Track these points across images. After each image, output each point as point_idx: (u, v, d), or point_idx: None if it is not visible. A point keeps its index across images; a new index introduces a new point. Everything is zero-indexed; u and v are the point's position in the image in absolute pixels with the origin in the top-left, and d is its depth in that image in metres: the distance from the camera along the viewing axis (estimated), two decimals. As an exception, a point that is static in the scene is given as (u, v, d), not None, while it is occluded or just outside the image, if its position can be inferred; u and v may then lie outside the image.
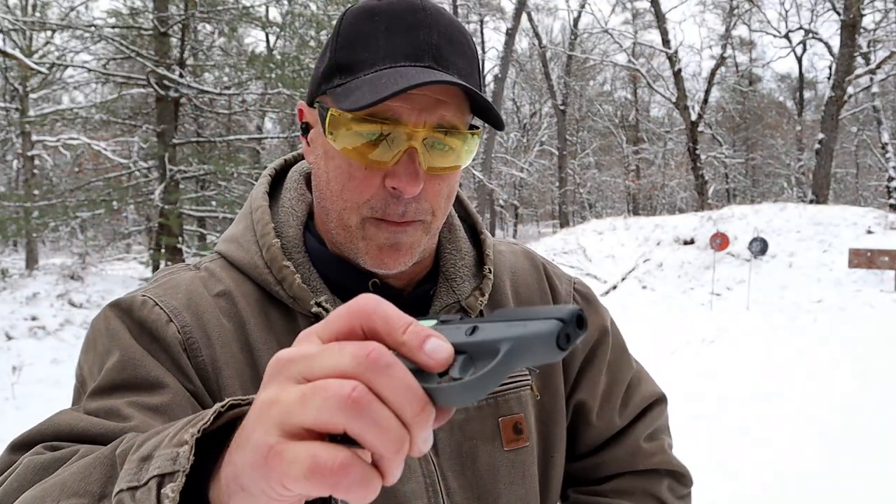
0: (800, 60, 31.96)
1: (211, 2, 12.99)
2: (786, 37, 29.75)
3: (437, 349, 0.42)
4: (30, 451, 0.68)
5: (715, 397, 6.45)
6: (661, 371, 7.44)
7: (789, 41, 29.95)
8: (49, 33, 16.41)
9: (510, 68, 26.68)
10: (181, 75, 12.93)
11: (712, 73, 25.75)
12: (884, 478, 4.47)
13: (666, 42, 24.12)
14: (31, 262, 16.73)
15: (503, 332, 0.43)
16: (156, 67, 12.39)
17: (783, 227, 14.74)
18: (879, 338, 8.32)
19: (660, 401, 1.09)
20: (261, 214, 0.88)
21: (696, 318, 10.64)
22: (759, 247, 12.59)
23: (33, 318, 10.52)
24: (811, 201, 19.08)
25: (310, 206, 0.91)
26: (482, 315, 0.90)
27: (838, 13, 20.66)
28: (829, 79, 23.40)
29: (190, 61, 14.04)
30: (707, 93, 26.08)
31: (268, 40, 20.42)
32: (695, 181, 24.34)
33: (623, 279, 14.50)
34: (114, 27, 13.35)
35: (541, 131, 36.74)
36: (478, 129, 0.82)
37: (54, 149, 17.48)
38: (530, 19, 28.29)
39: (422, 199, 0.79)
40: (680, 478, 1.07)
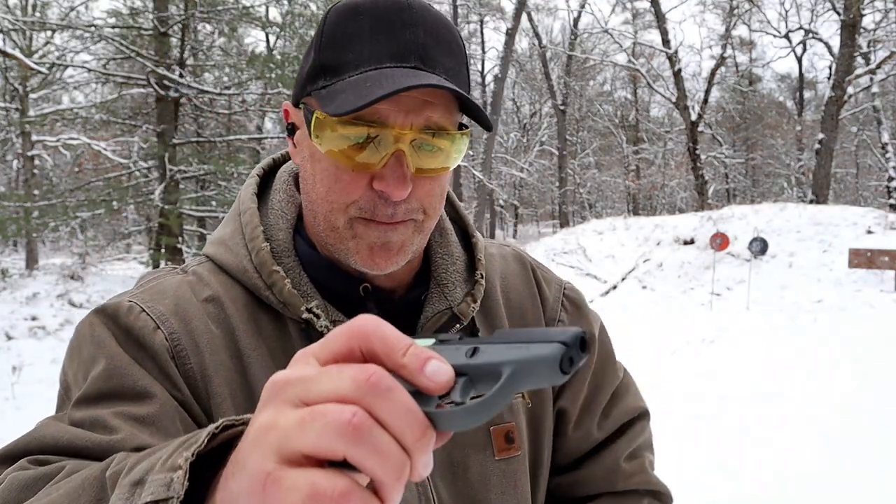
0: (800, 60, 31.98)
1: (211, 2, 12.99)
2: (786, 37, 29.76)
3: (437, 372, 0.42)
4: (14, 466, 0.66)
5: (715, 397, 6.44)
6: (661, 371, 7.47)
7: (789, 41, 29.96)
8: (49, 33, 16.41)
9: (510, 68, 26.67)
10: (181, 75, 12.94)
11: (712, 73, 25.76)
12: (884, 478, 4.47)
13: (666, 42, 24.12)
14: (31, 262, 16.73)
15: (505, 354, 0.42)
16: (156, 67, 12.40)
17: (783, 227, 14.74)
18: (879, 338, 8.33)
19: (643, 416, 1.06)
20: (249, 217, 0.86)
21: (696, 318, 10.64)
22: (759, 247, 12.59)
23: (33, 318, 10.52)
24: (811, 201, 19.09)
25: (299, 208, 0.89)
26: (474, 321, 0.89)
27: (838, 13, 20.67)
28: (829, 79, 23.41)
29: (190, 61, 14.04)
30: (707, 93, 26.09)
31: (268, 40, 20.44)
32: (695, 181, 24.35)
33: (623, 279, 14.50)
34: (114, 27, 13.36)
35: (541, 131, 36.74)
36: (467, 128, 0.80)
37: (54, 149, 17.48)
38: (530, 19, 28.29)
39: (411, 200, 0.77)
40: (661, 497, 1.04)
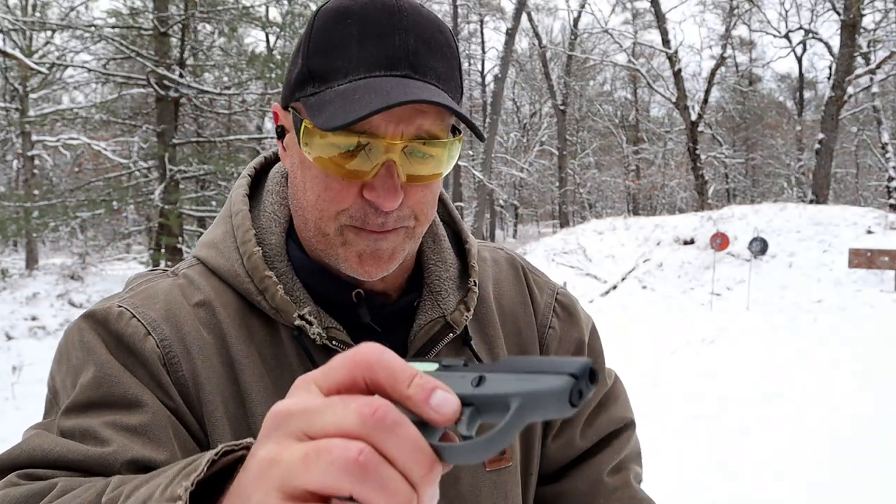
0: (800, 60, 32.00)
1: (211, 2, 13.00)
2: (786, 37, 29.77)
3: (443, 403, 0.40)
4: (3, 482, 0.65)
5: (715, 397, 6.44)
6: (661, 371, 7.47)
7: (789, 41, 29.97)
8: (49, 33, 16.42)
9: (510, 68, 26.69)
10: (181, 75, 12.94)
11: (712, 73, 25.77)
12: (884, 477, 4.47)
13: (666, 42, 24.13)
14: (31, 262, 16.75)
15: (513, 385, 0.41)
16: (156, 67, 12.40)
17: (783, 227, 14.74)
18: (879, 338, 8.33)
19: (629, 426, 1.02)
20: (241, 219, 0.84)
21: (696, 318, 10.64)
22: (759, 247, 12.59)
23: (33, 318, 10.52)
24: (811, 201, 19.09)
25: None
26: (467, 329, 0.88)
27: (838, 13, 20.67)
28: (829, 79, 23.42)
29: (190, 61, 14.05)
30: (707, 93, 26.10)
31: (268, 40, 20.44)
32: (695, 181, 24.35)
33: (623, 279, 14.51)
34: (114, 27, 13.36)
35: (541, 131, 36.75)
36: (460, 133, 0.79)
37: (54, 149, 17.50)
38: (530, 19, 28.30)
39: (403, 207, 0.76)
40: None
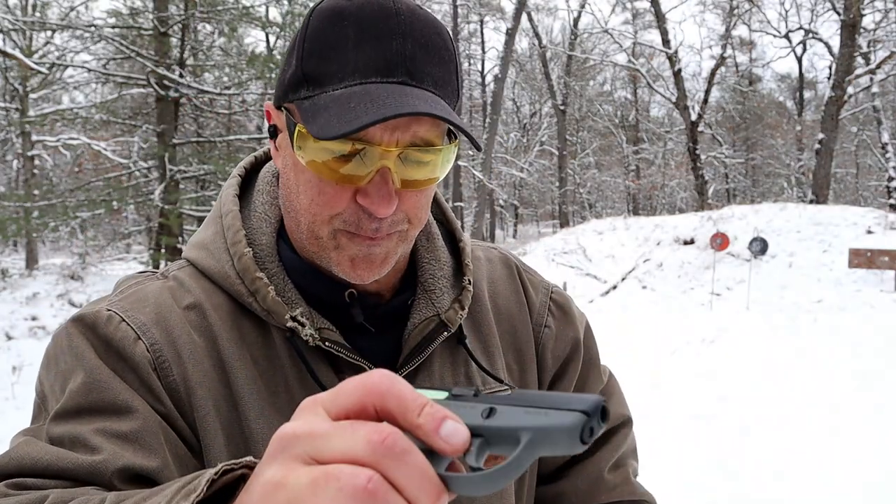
0: (800, 60, 32.02)
1: (211, 2, 12.99)
2: (786, 37, 29.79)
3: (453, 434, 0.40)
4: None
5: (715, 397, 6.45)
6: (661, 371, 7.47)
7: (789, 41, 29.99)
8: (49, 33, 16.43)
9: (510, 68, 26.68)
10: (181, 75, 12.94)
11: (712, 73, 25.77)
12: (884, 478, 4.47)
13: (666, 42, 24.13)
14: (31, 262, 16.76)
15: (523, 419, 0.41)
16: (156, 67, 12.40)
17: (783, 227, 14.74)
18: (879, 338, 8.33)
19: (626, 423, 1.03)
20: (231, 220, 0.83)
21: (696, 318, 10.64)
22: (759, 247, 12.59)
23: (33, 318, 10.53)
24: (811, 201, 19.09)
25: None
26: (461, 328, 0.88)
27: (838, 13, 20.68)
28: (829, 79, 23.42)
29: (190, 61, 14.04)
30: (707, 93, 26.10)
31: (268, 40, 20.42)
32: (695, 181, 24.36)
33: (623, 279, 14.51)
34: (114, 27, 13.36)
35: (541, 131, 36.76)
36: (456, 138, 0.78)
37: (54, 149, 17.50)
38: (530, 19, 28.30)
39: (397, 212, 0.75)
40: None
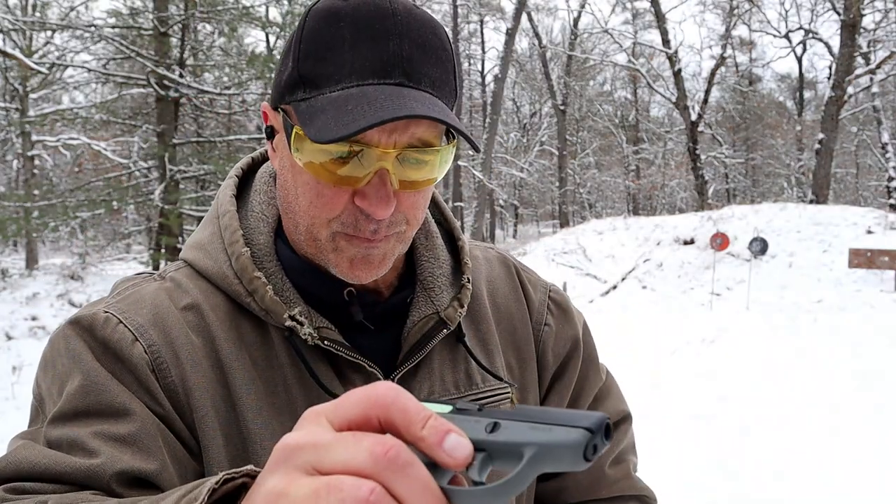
0: (800, 60, 32.02)
1: (211, 2, 12.99)
2: (786, 37, 29.79)
3: (457, 447, 0.40)
4: None
5: (715, 397, 6.45)
6: (661, 371, 7.47)
7: (789, 41, 29.99)
8: (49, 33, 16.42)
9: (510, 68, 26.69)
10: (181, 75, 12.94)
11: (712, 73, 25.77)
12: (884, 478, 4.47)
13: (666, 42, 24.13)
14: (31, 262, 16.76)
15: (527, 435, 0.41)
16: (156, 67, 12.40)
17: (783, 227, 14.74)
18: (879, 338, 8.33)
19: (625, 419, 1.04)
20: (228, 220, 0.83)
21: (696, 318, 10.64)
22: (759, 247, 12.59)
23: (33, 318, 10.53)
24: (811, 201, 19.09)
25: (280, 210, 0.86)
26: (460, 326, 0.88)
27: (838, 13, 20.68)
28: (829, 79, 23.42)
29: (190, 61, 14.04)
30: (707, 93, 26.11)
31: (268, 40, 20.42)
32: (695, 181, 24.36)
33: (623, 279, 14.51)
34: (114, 27, 13.36)
35: (541, 131, 36.77)
36: (454, 138, 0.79)
37: (54, 149, 17.50)
38: (530, 19, 28.30)
39: (395, 213, 0.75)
40: (646, 501, 1.03)
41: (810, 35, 27.96)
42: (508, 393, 0.91)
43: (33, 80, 15.37)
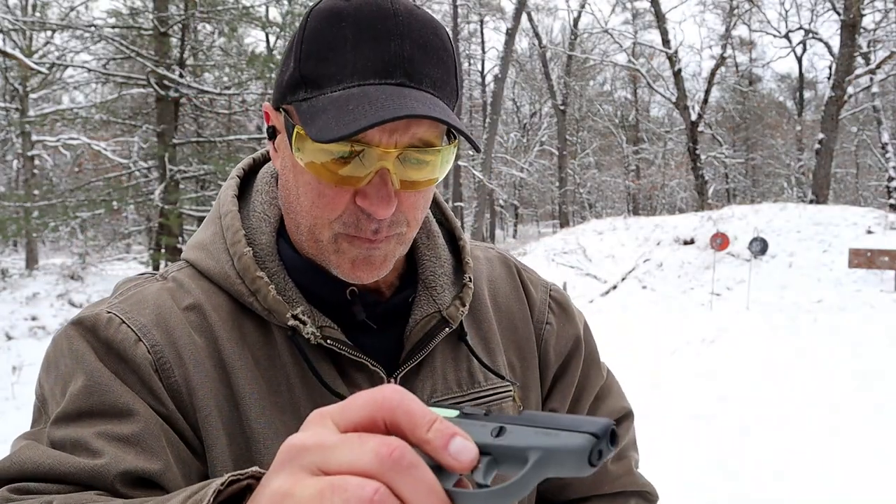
0: (800, 60, 32.03)
1: (211, 2, 13.00)
2: (786, 37, 29.79)
3: (462, 450, 0.40)
4: None
5: (715, 397, 6.45)
6: (661, 371, 7.47)
7: (789, 41, 30.00)
8: (49, 33, 16.43)
9: (510, 68, 26.69)
10: (181, 75, 12.94)
11: (712, 73, 25.77)
12: (884, 478, 4.47)
13: (666, 42, 24.13)
14: (31, 262, 16.77)
15: (532, 439, 0.41)
16: (156, 67, 12.41)
17: (783, 227, 14.74)
18: (879, 338, 8.33)
19: (627, 416, 1.05)
20: (230, 220, 0.83)
21: (696, 318, 10.64)
22: (759, 247, 12.59)
23: (33, 318, 10.53)
24: (811, 201, 19.09)
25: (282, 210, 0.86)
26: (462, 325, 0.89)
27: (838, 13, 20.68)
28: (829, 79, 23.42)
29: (190, 61, 14.05)
30: (707, 93, 26.10)
31: (268, 40, 20.43)
32: (695, 181, 24.36)
33: (623, 279, 14.51)
34: (114, 27, 13.37)
35: (541, 131, 36.77)
36: (455, 138, 0.79)
37: (54, 149, 17.51)
38: (530, 19, 28.30)
39: (396, 214, 0.76)
40: (647, 497, 1.04)
41: (810, 35, 27.97)
42: (510, 391, 0.91)
43: (33, 80, 15.38)
